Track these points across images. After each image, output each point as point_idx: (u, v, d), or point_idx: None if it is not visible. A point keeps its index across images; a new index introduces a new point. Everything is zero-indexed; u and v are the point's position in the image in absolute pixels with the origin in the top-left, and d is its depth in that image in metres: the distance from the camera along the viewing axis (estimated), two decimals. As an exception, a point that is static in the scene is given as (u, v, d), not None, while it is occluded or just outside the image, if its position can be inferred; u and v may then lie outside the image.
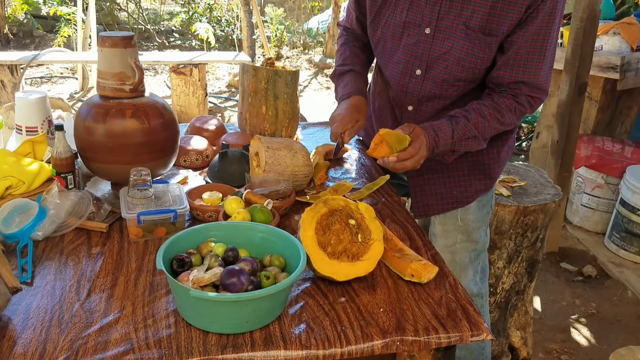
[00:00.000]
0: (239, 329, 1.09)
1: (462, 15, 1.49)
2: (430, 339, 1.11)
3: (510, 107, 1.55)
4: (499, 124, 1.56)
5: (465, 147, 1.58)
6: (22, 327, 1.10)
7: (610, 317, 2.83)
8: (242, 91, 1.94)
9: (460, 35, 1.51)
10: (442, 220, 1.80)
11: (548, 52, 1.50)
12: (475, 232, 1.79)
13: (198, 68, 5.19)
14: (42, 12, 8.79)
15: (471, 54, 1.52)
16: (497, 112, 1.54)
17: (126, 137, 1.51)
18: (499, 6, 1.45)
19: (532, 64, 1.51)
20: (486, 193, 1.78)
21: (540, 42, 1.48)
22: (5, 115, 2.50)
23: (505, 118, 1.56)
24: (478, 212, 1.78)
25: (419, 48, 1.58)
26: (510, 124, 1.60)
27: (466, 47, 1.52)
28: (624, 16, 4.08)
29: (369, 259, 1.26)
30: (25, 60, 4.90)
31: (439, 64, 1.57)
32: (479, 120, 1.54)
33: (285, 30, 9.15)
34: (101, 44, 1.53)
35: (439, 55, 1.56)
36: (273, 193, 1.53)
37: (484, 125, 1.54)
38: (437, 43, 1.55)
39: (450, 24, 1.52)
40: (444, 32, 1.53)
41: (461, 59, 1.54)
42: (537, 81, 1.53)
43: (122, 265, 1.31)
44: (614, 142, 3.58)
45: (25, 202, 1.45)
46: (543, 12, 1.44)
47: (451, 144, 1.54)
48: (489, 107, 1.55)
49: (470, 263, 1.80)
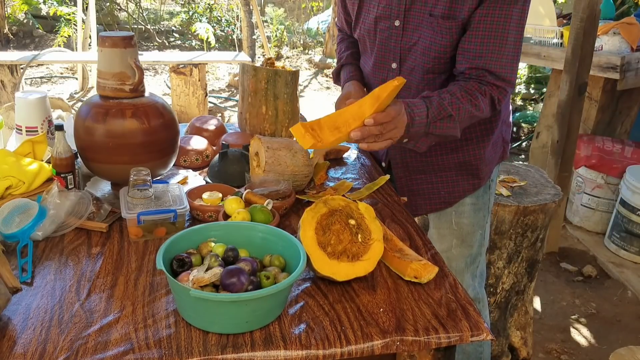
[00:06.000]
0: (239, 329, 1.09)
1: (428, 4, 1.52)
2: (430, 339, 1.11)
3: (480, 90, 1.49)
4: (473, 107, 1.48)
5: (441, 130, 1.47)
6: (22, 327, 1.10)
7: (610, 317, 2.83)
8: (242, 91, 1.94)
9: (426, 25, 1.54)
10: (437, 224, 1.81)
11: (509, 39, 1.46)
12: (470, 236, 1.78)
13: (198, 68, 5.19)
14: (42, 12, 8.79)
15: (435, 42, 1.53)
16: (468, 94, 1.48)
17: (126, 137, 1.51)
18: None
19: (491, 48, 1.47)
20: (477, 194, 1.76)
21: (501, 27, 1.45)
22: (5, 115, 2.50)
23: (477, 100, 1.49)
24: (473, 216, 1.78)
25: (391, 41, 1.61)
26: (484, 109, 1.51)
27: (430, 35, 1.53)
28: (624, 16, 4.08)
29: (369, 259, 1.26)
30: (25, 60, 4.90)
31: (410, 55, 1.59)
32: (453, 100, 1.46)
33: (285, 30, 9.15)
34: (101, 44, 1.53)
35: (410, 47, 1.59)
36: (273, 193, 1.53)
37: (458, 106, 1.46)
38: (406, 35, 1.58)
39: (417, 14, 1.54)
40: (412, 23, 1.56)
41: (426, 48, 1.55)
42: (498, 69, 1.48)
43: (122, 265, 1.31)
44: (614, 142, 3.58)
45: (25, 202, 1.45)
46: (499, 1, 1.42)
47: (426, 124, 1.45)
48: (459, 89, 1.49)
49: (466, 268, 1.80)
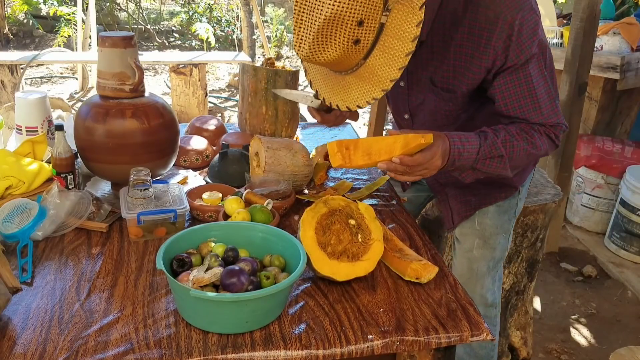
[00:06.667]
0: (239, 329, 1.09)
1: (428, 71, 1.50)
2: (430, 339, 1.11)
3: (536, 129, 1.45)
4: (529, 145, 1.44)
5: (488, 168, 1.43)
6: (22, 327, 1.10)
7: (610, 317, 2.82)
8: (242, 91, 1.94)
9: (428, 89, 1.53)
10: (460, 223, 1.76)
11: (540, 92, 1.42)
12: (492, 237, 1.73)
13: (198, 68, 5.18)
14: (42, 12, 8.78)
15: (439, 107, 1.54)
16: (524, 132, 1.44)
17: (126, 137, 1.51)
18: (458, 65, 1.43)
19: (528, 109, 1.43)
20: (507, 200, 1.73)
21: (526, 87, 1.41)
22: (5, 115, 2.50)
23: (534, 138, 1.44)
24: (497, 218, 1.72)
25: (399, 100, 1.64)
26: (541, 147, 1.45)
27: (434, 100, 1.54)
28: (624, 16, 4.08)
29: (369, 259, 1.26)
30: (25, 60, 4.90)
31: (419, 112, 1.61)
32: (507, 138, 1.42)
33: (285, 30, 9.15)
34: (101, 44, 1.53)
35: (417, 106, 1.60)
36: (273, 193, 1.53)
37: (512, 144, 1.42)
38: (412, 94, 1.59)
39: (419, 78, 1.54)
40: (416, 85, 1.57)
41: (432, 111, 1.57)
42: (545, 120, 1.45)
43: (122, 265, 1.31)
44: (614, 142, 3.58)
45: (25, 202, 1.45)
46: (508, 67, 1.38)
47: (474, 160, 1.40)
48: (516, 127, 1.45)
49: (488, 272, 1.75)
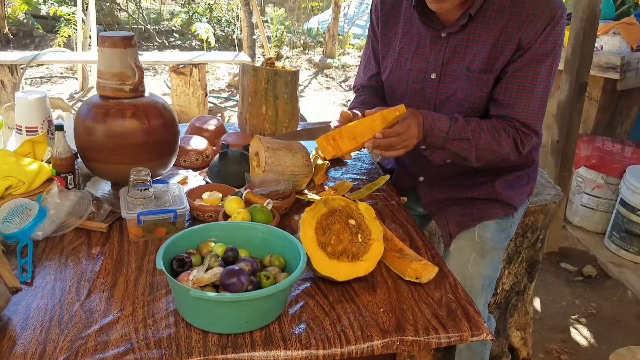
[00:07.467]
0: (239, 329, 1.09)
1: (465, 60, 1.59)
2: (430, 339, 1.11)
3: (505, 130, 1.56)
4: (494, 141, 1.55)
5: (456, 148, 1.54)
6: (22, 327, 1.10)
7: (610, 317, 2.82)
8: (242, 91, 1.94)
9: (463, 78, 1.61)
10: (457, 235, 1.70)
11: (537, 93, 1.56)
12: (491, 252, 1.66)
13: (198, 68, 5.18)
14: (42, 12, 8.78)
15: (470, 94, 1.60)
16: (493, 128, 1.56)
17: (126, 137, 1.51)
18: (498, 47, 1.54)
19: (520, 101, 1.56)
20: (505, 218, 1.75)
21: (529, 82, 1.54)
22: (5, 115, 2.50)
23: (500, 137, 1.55)
24: (497, 234, 1.71)
25: (426, 92, 1.68)
26: (505, 147, 1.57)
27: (467, 87, 1.60)
28: (624, 16, 4.08)
29: (369, 259, 1.26)
30: (25, 60, 4.90)
31: (445, 105, 1.65)
32: (476, 128, 1.54)
33: (285, 30, 9.15)
34: (101, 44, 1.53)
35: (446, 98, 1.65)
36: (273, 193, 1.53)
37: (480, 135, 1.53)
38: (443, 87, 1.65)
39: (455, 67, 1.62)
40: (449, 76, 1.63)
41: (461, 100, 1.62)
42: (525, 119, 1.57)
43: (122, 266, 1.31)
44: (614, 142, 3.58)
45: (25, 202, 1.45)
46: (532, 52, 1.52)
47: (444, 139, 1.51)
48: (487, 123, 1.57)
49: (482, 290, 1.65)
